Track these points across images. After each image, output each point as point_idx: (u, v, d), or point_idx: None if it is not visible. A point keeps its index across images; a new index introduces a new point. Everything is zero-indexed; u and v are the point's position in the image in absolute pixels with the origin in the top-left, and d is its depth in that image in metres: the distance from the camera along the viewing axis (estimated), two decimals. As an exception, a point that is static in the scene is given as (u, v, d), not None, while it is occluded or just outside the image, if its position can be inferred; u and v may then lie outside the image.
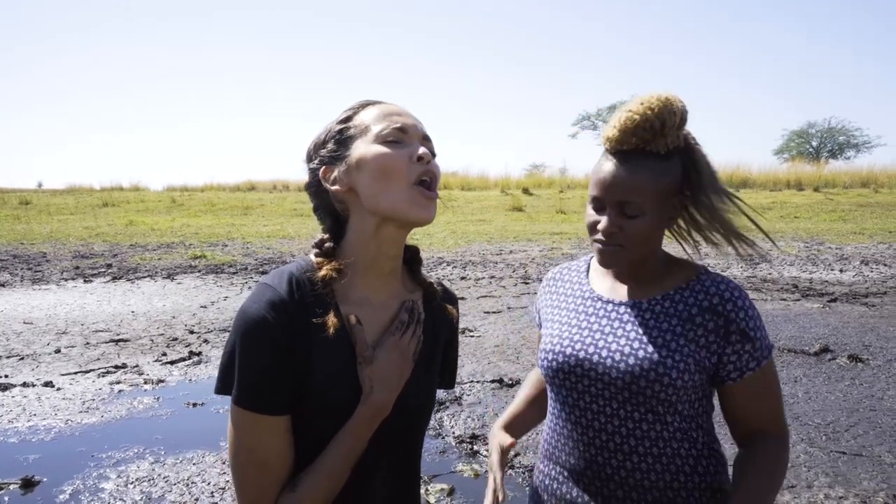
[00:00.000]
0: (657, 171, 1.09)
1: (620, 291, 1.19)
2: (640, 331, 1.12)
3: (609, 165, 1.10)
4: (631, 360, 1.10)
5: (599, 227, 1.10)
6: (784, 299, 6.51)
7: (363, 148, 0.96)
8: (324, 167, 0.99)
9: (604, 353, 1.12)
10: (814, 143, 39.63)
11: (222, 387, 0.93)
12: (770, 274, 8.12)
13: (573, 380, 1.15)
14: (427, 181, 0.96)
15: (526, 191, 20.93)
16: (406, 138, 0.97)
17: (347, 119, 1.00)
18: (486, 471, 2.83)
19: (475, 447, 3.09)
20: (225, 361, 0.93)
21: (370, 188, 0.94)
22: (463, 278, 7.88)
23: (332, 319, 0.93)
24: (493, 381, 4.00)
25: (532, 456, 2.97)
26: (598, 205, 1.12)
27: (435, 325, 1.08)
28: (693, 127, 1.19)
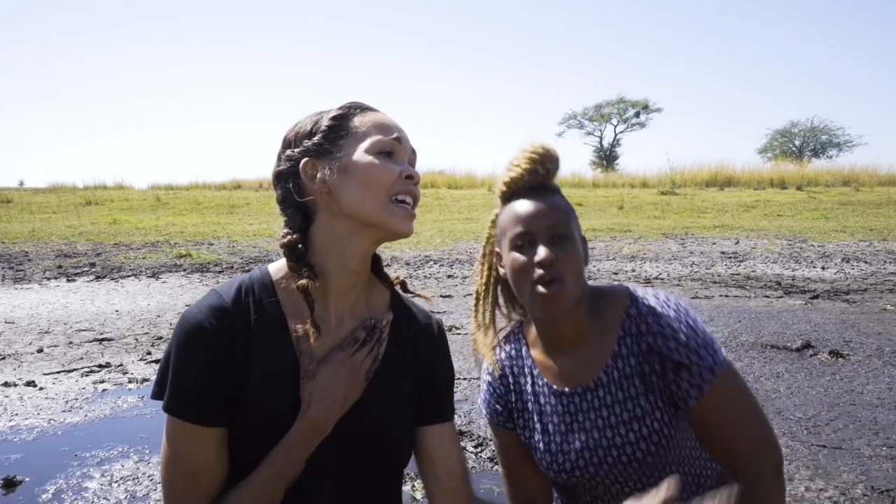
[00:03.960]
0: (565, 201, 1.13)
1: (573, 372, 1.13)
2: (617, 411, 1.09)
3: (525, 201, 1.10)
4: (622, 451, 1.08)
5: (537, 258, 1.05)
6: (767, 296, 6.59)
7: (356, 155, 0.93)
8: (306, 159, 0.95)
9: (600, 453, 1.09)
10: (797, 143, 40.13)
11: (159, 391, 0.89)
12: (753, 271, 8.21)
13: (573, 481, 1.13)
14: (408, 202, 0.95)
15: (513, 189, 20.94)
16: (399, 152, 0.96)
17: (341, 118, 0.96)
18: (473, 468, 2.84)
19: (462, 443, 3.10)
20: (162, 366, 0.89)
21: (354, 195, 0.92)
22: (450, 276, 7.90)
23: (309, 327, 0.90)
24: (480, 378, 4.02)
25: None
26: (528, 240, 1.07)
27: (402, 344, 1.01)
28: (679, 126, 1.21)
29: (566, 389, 1.12)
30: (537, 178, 1.11)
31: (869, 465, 2.81)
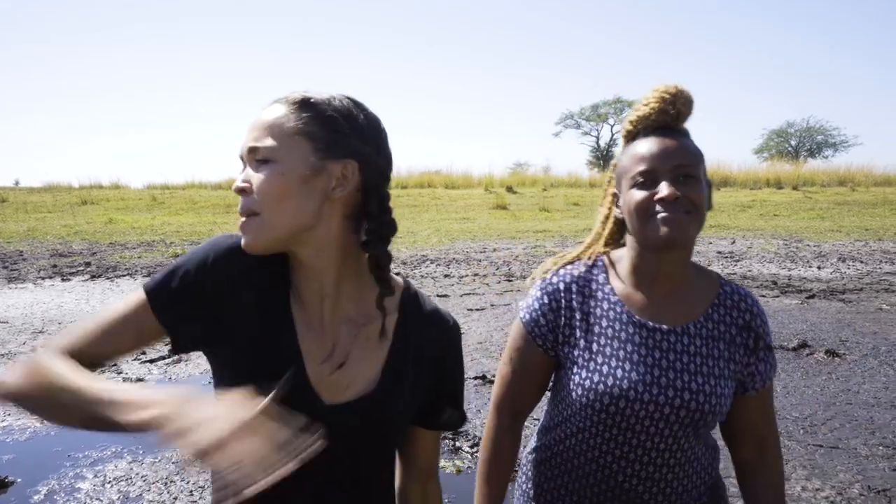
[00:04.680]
0: (694, 145, 1.09)
1: (662, 312, 1.11)
2: (698, 362, 1.09)
3: (650, 139, 1.07)
4: (694, 398, 1.06)
5: (661, 194, 1.02)
6: (763, 296, 6.59)
7: None
8: None
9: (670, 393, 1.07)
10: (793, 143, 40.25)
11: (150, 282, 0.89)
12: (749, 271, 8.22)
13: (619, 419, 1.08)
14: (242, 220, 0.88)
15: (510, 189, 20.98)
16: (247, 160, 0.89)
17: None
18: (469, 468, 2.83)
19: (457, 443, 3.09)
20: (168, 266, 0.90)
21: None
22: (447, 276, 7.88)
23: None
24: (476, 378, 4.01)
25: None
26: (650, 178, 1.04)
27: (408, 341, 0.96)
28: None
29: (650, 323, 1.10)
30: (666, 117, 1.07)
31: (865, 465, 2.81)
